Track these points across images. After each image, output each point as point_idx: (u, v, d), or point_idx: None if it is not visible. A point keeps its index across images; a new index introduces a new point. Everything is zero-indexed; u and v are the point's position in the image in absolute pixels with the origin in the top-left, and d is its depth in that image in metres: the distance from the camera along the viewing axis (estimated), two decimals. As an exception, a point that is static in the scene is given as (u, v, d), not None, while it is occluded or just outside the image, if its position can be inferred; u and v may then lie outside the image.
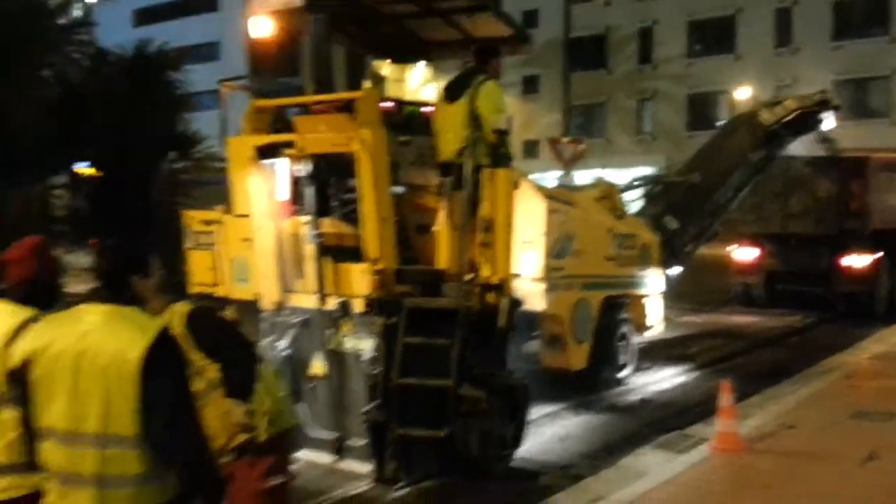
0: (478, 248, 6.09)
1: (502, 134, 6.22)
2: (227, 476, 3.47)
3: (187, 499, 3.28)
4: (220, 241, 6.78)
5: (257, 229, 6.47)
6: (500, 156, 6.22)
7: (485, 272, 6.06)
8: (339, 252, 6.25)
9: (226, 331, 3.52)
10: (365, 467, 5.98)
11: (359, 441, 6.01)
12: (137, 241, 3.45)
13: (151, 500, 3.08)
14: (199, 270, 6.93)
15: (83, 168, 14.04)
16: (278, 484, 3.54)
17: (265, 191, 6.45)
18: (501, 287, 6.05)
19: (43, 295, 3.55)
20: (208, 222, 6.89)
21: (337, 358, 6.12)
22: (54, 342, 3.10)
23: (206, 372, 3.37)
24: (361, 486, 5.94)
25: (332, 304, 6.15)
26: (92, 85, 12.77)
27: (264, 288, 6.49)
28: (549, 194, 7.71)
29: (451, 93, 6.44)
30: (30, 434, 3.17)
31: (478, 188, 6.14)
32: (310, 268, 6.24)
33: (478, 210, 6.11)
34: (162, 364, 3.05)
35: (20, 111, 11.51)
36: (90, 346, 3.04)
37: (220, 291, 6.78)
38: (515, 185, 6.36)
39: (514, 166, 6.55)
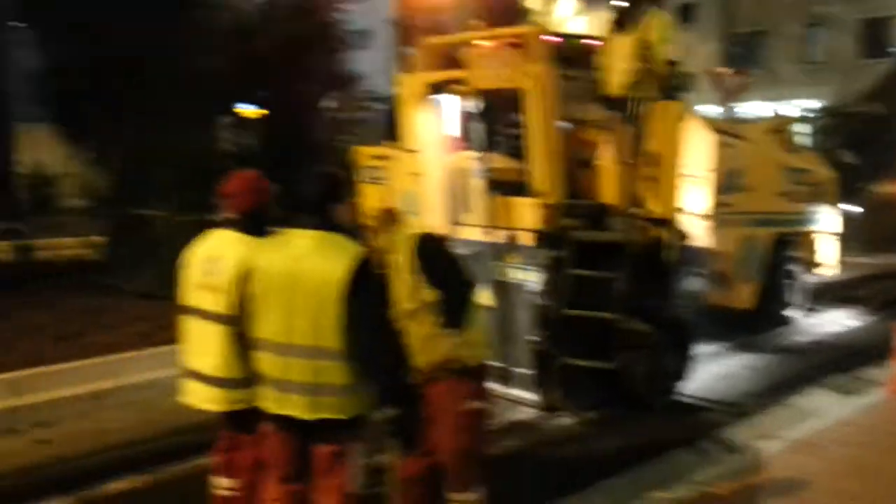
0: (644, 182, 6.06)
1: (673, 65, 6.09)
2: (428, 395, 3.75)
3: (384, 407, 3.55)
4: (390, 176, 7.05)
5: (427, 164, 6.68)
6: (669, 88, 6.11)
7: (651, 206, 6.04)
8: (505, 186, 6.38)
9: (450, 261, 3.76)
10: (529, 395, 6.18)
11: (524, 370, 6.20)
12: (337, 173, 3.71)
13: (354, 408, 3.40)
14: (370, 204, 7.24)
15: (246, 109, 14.77)
16: (477, 408, 3.80)
17: (434, 126, 6.63)
18: (668, 222, 6.01)
19: (260, 224, 3.82)
20: (379, 157, 7.16)
21: (504, 289, 6.29)
22: (270, 264, 3.43)
23: (420, 293, 3.62)
24: (526, 413, 6.15)
25: (499, 236, 6.31)
26: (262, 27, 13.37)
27: (433, 221, 6.71)
28: (719, 127, 7.47)
29: (619, 24, 6.34)
30: (249, 347, 3.53)
31: (645, 121, 6.07)
32: (477, 202, 6.41)
33: (645, 144, 6.05)
34: (363, 285, 3.32)
35: (199, 55, 12.19)
36: (301, 267, 3.34)
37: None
38: (684, 118, 6.24)
39: (684, 98, 6.41)
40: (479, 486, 3.93)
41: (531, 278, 6.17)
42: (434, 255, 3.75)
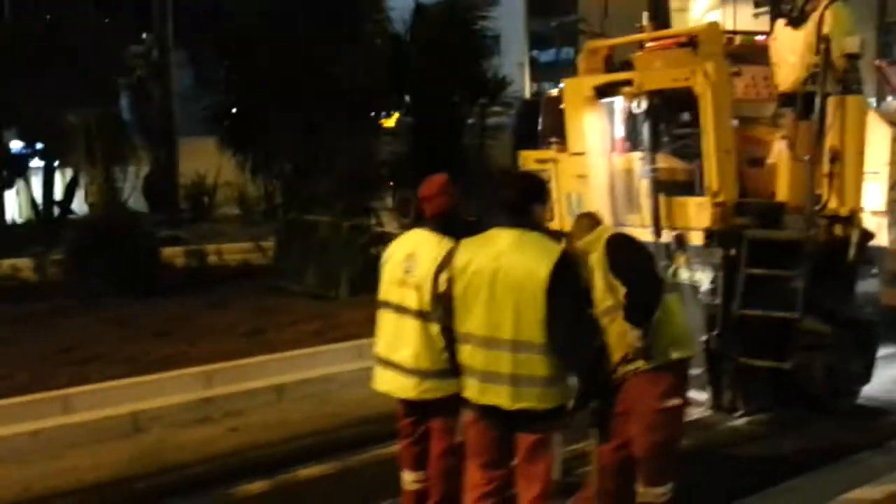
0: (824, 179, 5.92)
1: (853, 58, 5.92)
2: (625, 388, 3.85)
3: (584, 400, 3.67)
4: (555, 178, 7.17)
5: (592, 166, 6.77)
6: (850, 82, 5.94)
7: (832, 204, 5.89)
8: (672, 186, 6.38)
9: (637, 260, 3.87)
10: (701, 395, 6.13)
11: (695, 370, 6.15)
12: (536, 175, 3.87)
13: (554, 400, 3.53)
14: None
15: (384, 118, 15.20)
16: (673, 405, 3.86)
17: (600, 129, 6.71)
18: (850, 219, 5.86)
19: (455, 225, 4.02)
20: (543, 161, 7.30)
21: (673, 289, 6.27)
22: (472, 262, 3.61)
23: (616, 291, 3.74)
24: (698, 413, 6.10)
25: (666, 237, 6.32)
26: (410, 37, 13.77)
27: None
28: (895, 120, 7.18)
29: (793, 18, 6.22)
30: (450, 341, 3.73)
31: (823, 117, 5.93)
32: (644, 202, 6.44)
33: (825, 140, 5.91)
34: (564, 281, 3.46)
35: (351, 66, 12.67)
36: (503, 265, 3.51)
37: (554, 226, 7.18)
38: (865, 113, 6.06)
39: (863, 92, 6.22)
40: (669, 483, 3.99)
41: (701, 278, 6.14)
42: (620, 253, 3.84)
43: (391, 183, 13.26)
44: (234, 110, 13.80)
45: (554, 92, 9.24)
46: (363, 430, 6.11)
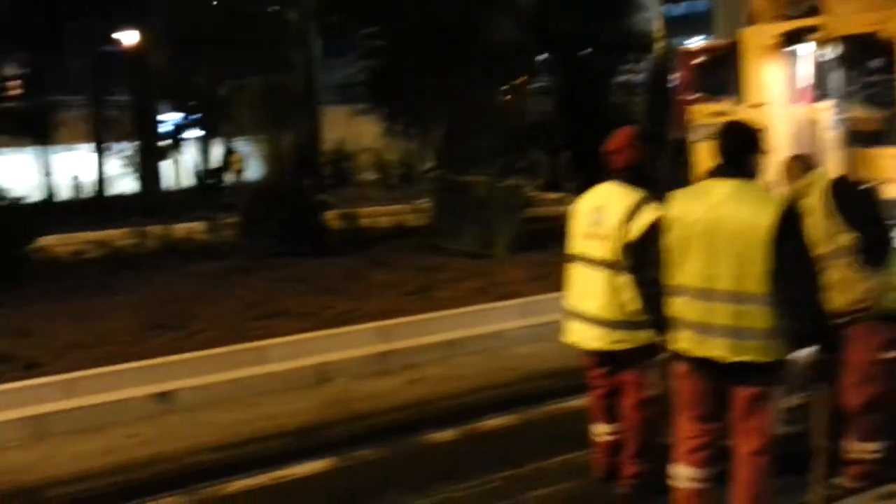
0: None
1: None
2: (844, 336, 3.75)
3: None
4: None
5: (774, 117, 6.53)
6: None
7: None
8: (865, 137, 6.09)
9: (869, 202, 3.75)
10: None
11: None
12: (751, 124, 3.77)
13: (775, 353, 3.44)
14: (706, 161, 7.20)
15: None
16: (892, 358, 3.72)
17: (784, 78, 6.46)
18: None
19: (643, 177, 4.01)
20: (717, 114, 7.08)
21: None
22: (687, 213, 3.55)
23: (837, 237, 3.64)
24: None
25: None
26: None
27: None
28: None
29: None
30: (652, 294, 3.68)
31: None
32: (832, 154, 6.17)
33: None
34: (786, 231, 3.35)
35: (495, 26, 12.66)
36: (721, 215, 3.43)
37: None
38: None
39: None
40: (883, 440, 3.87)
41: (898, 231, 5.84)
42: (852, 196, 3.72)
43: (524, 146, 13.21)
44: (380, 76, 14.06)
45: (689, 46, 8.95)
46: (539, 385, 6.20)
